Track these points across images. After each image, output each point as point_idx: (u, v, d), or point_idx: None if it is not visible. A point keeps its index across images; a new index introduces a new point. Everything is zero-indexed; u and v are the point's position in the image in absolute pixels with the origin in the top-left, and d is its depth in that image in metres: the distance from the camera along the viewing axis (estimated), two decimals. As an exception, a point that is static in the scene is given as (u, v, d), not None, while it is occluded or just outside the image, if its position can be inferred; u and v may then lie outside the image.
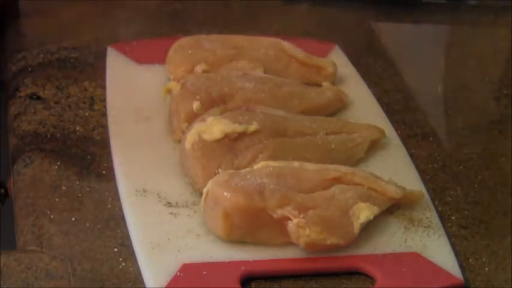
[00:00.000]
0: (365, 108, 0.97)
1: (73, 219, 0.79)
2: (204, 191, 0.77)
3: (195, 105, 0.87)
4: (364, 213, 0.77)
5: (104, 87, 0.97)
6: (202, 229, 0.77)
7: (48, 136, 0.90)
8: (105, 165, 0.86)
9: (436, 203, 0.85)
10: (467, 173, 0.91)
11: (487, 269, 0.78)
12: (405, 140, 0.93)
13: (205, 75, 0.93)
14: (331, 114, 0.94)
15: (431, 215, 0.82)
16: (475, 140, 0.97)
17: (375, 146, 0.89)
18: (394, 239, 0.79)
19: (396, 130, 0.94)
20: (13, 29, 1.11)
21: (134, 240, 0.76)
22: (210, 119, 0.83)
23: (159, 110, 0.92)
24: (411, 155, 0.91)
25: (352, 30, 1.19)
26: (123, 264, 0.75)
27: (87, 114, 0.94)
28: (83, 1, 1.18)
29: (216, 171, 0.80)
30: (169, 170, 0.84)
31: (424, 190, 0.85)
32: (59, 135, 0.90)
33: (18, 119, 0.92)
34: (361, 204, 0.78)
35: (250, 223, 0.76)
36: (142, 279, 0.73)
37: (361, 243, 0.77)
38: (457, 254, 0.79)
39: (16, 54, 1.04)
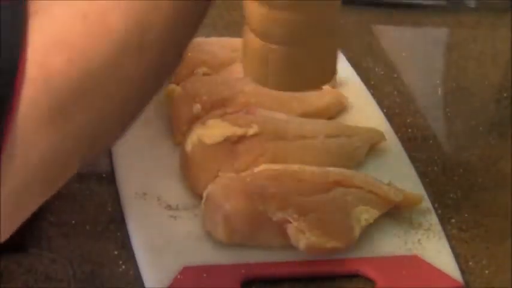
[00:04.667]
0: (365, 111, 0.97)
1: (73, 222, 0.79)
2: (204, 194, 0.77)
3: (195, 108, 0.87)
4: (364, 216, 0.77)
5: (104, 89, 0.97)
6: (203, 232, 0.77)
7: (49, 139, 0.90)
8: (105, 168, 0.86)
9: (435, 205, 0.85)
10: (467, 175, 0.91)
11: (486, 271, 0.79)
12: (405, 142, 0.93)
13: (205, 78, 0.93)
14: (331, 117, 0.94)
15: (431, 218, 0.82)
16: (475, 143, 0.97)
17: (374, 149, 0.89)
18: (394, 242, 0.79)
19: (396, 133, 0.94)
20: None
21: (134, 243, 0.76)
22: (210, 122, 0.83)
23: (159, 112, 0.92)
24: (411, 158, 0.91)
25: (352, 33, 1.19)
26: (123, 267, 0.75)
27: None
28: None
29: (216, 174, 0.80)
30: (169, 173, 0.84)
31: (423, 193, 0.85)
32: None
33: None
34: (361, 207, 0.78)
35: (250, 226, 0.76)
36: (143, 282, 0.73)
37: (361, 246, 0.78)
38: (456, 256, 0.79)
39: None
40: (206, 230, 0.77)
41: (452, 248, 0.80)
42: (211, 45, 0.99)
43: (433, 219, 0.82)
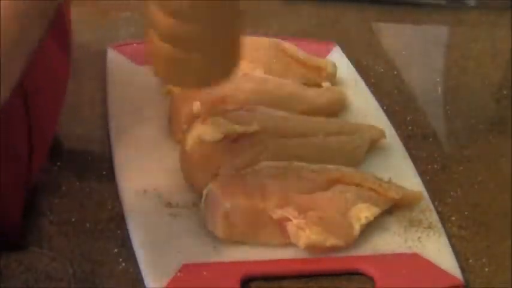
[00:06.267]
0: (365, 109, 0.97)
1: (73, 220, 0.79)
2: (204, 191, 0.77)
3: (195, 106, 0.87)
4: (364, 214, 0.77)
5: (104, 88, 0.97)
6: (202, 230, 0.77)
7: (48, 137, 0.90)
8: (106, 166, 0.86)
9: (436, 203, 0.85)
10: (467, 174, 0.91)
11: (486, 269, 0.79)
12: (405, 140, 0.93)
13: (205, 76, 0.93)
14: (331, 114, 0.94)
15: (431, 216, 0.82)
16: (475, 141, 0.97)
17: (374, 146, 0.89)
18: (394, 240, 0.79)
19: (396, 131, 0.94)
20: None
21: (134, 241, 0.76)
22: (210, 120, 0.83)
23: (159, 111, 0.92)
24: (411, 156, 0.91)
25: (352, 31, 1.19)
26: (123, 265, 0.75)
27: (87, 114, 0.94)
28: (83, 1, 1.18)
29: (216, 172, 0.80)
30: (169, 170, 0.84)
31: (424, 191, 0.85)
32: (59, 135, 0.90)
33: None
34: (361, 205, 0.78)
35: (250, 224, 0.76)
36: (143, 279, 0.73)
37: (360, 243, 0.78)
38: (457, 254, 0.79)
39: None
40: (206, 227, 0.77)
41: (453, 246, 0.80)
42: (211, 43, 0.98)
43: (433, 217, 0.82)
